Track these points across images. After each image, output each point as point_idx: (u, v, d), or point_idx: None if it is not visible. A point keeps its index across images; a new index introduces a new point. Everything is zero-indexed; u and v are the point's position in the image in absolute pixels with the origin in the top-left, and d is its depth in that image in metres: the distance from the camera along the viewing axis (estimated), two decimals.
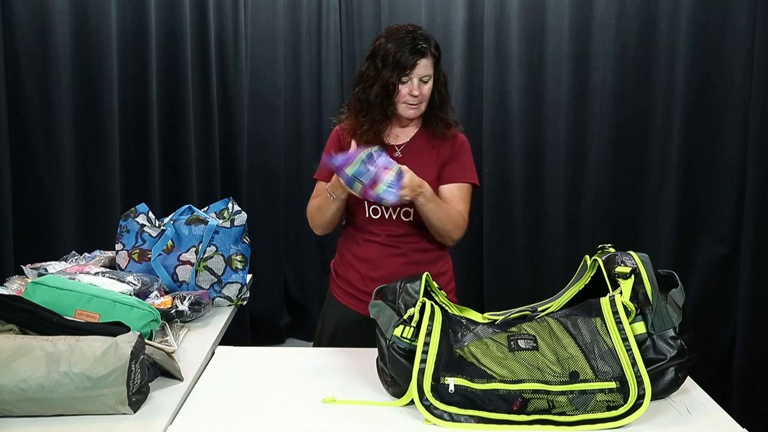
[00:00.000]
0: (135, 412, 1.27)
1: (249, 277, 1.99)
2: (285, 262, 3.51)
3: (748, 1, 2.82)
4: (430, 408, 1.24)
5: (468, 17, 3.15)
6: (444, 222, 1.80)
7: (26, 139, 2.75)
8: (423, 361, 1.26)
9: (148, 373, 1.34)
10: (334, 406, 1.31)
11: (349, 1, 3.36)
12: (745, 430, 1.25)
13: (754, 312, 2.82)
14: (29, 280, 1.64)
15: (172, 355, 1.45)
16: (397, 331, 1.31)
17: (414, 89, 1.80)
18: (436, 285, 1.45)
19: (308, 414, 1.30)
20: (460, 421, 1.23)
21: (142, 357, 1.29)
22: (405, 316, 1.31)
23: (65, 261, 2.01)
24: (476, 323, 1.37)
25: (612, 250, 1.51)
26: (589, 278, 1.47)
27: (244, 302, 1.96)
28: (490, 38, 3.10)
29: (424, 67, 1.80)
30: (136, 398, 1.27)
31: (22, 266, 1.92)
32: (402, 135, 1.92)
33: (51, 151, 2.79)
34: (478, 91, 3.19)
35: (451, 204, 1.85)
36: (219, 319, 1.82)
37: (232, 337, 1.92)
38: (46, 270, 1.87)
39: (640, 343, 1.31)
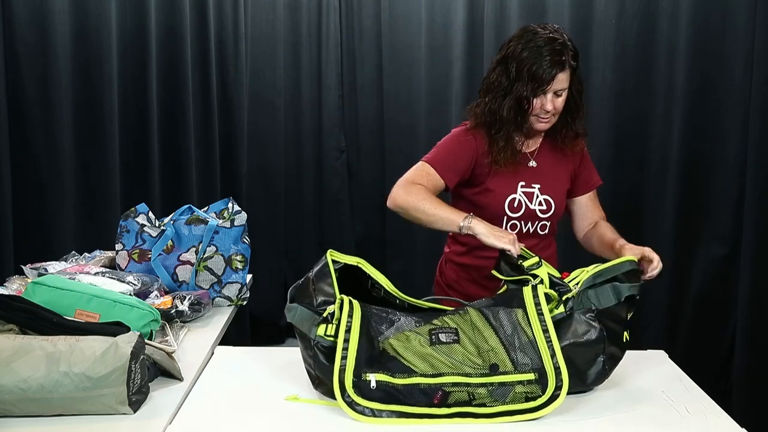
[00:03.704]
0: (135, 412, 1.27)
1: (249, 277, 1.99)
2: (285, 262, 3.51)
3: (748, 1, 2.82)
4: (352, 404, 1.25)
5: (468, 17, 3.15)
6: None
7: (26, 139, 2.75)
8: (344, 357, 1.26)
9: (148, 373, 1.34)
10: (334, 407, 1.31)
11: (349, 1, 3.36)
12: (744, 430, 1.25)
13: (754, 312, 2.82)
14: (29, 280, 1.64)
15: (172, 355, 1.45)
16: (320, 330, 1.30)
17: (547, 104, 1.68)
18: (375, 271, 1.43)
19: (308, 414, 1.30)
20: (382, 417, 1.24)
21: (142, 357, 1.29)
22: (325, 314, 1.31)
23: (65, 261, 2.01)
24: (398, 315, 1.35)
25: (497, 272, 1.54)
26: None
27: (244, 302, 1.96)
28: (490, 38, 3.09)
29: (560, 81, 1.67)
30: (136, 398, 1.27)
31: (22, 266, 1.92)
32: (530, 142, 1.83)
33: (51, 151, 2.79)
34: (477, 92, 3.18)
35: (594, 210, 1.89)
36: (219, 319, 1.82)
37: (232, 337, 1.92)
38: (46, 270, 1.87)
39: (558, 321, 1.33)
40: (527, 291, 1.34)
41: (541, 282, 1.36)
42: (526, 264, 1.42)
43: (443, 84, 3.22)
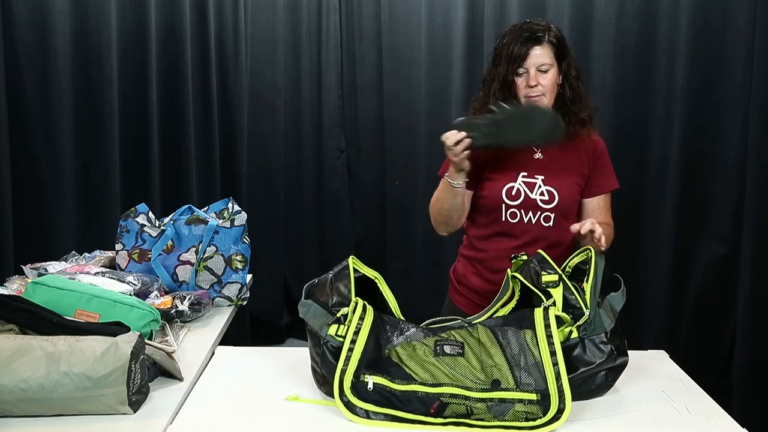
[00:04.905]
0: (135, 412, 1.27)
1: (249, 277, 1.99)
2: (285, 262, 3.51)
3: (748, 1, 2.82)
4: (348, 405, 1.25)
5: (468, 17, 3.15)
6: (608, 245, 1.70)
7: (26, 139, 2.75)
8: (348, 358, 1.27)
9: (148, 373, 1.34)
10: (334, 407, 1.31)
11: (349, 1, 3.36)
12: (745, 430, 1.25)
13: (754, 312, 2.82)
14: (29, 280, 1.64)
15: (172, 355, 1.45)
16: (332, 330, 1.31)
17: (531, 79, 1.69)
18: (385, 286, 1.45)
19: (308, 414, 1.30)
20: (376, 419, 1.24)
21: (142, 357, 1.29)
22: (338, 315, 1.32)
23: (65, 261, 2.01)
24: (409, 326, 1.37)
25: (525, 257, 1.50)
26: (518, 294, 1.46)
27: (244, 302, 1.96)
28: (490, 38, 3.09)
29: (539, 55, 1.69)
30: (136, 398, 1.27)
31: (22, 266, 1.92)
32: None
33: (51, 151, 2.79)
34: (478, 92, 3.18)
35: (599, 215, 1.79)
36: (219, 319, 1.82)
37: (232, 337, 1.92)
38: (46, 270, 1.87)
39: (571, 347, 1.32)
40: (538, 313, 1.32)
41: (554, 304, 1.34)
42: (544, 279, 1.38)
43: (443, 84, 3.22)
